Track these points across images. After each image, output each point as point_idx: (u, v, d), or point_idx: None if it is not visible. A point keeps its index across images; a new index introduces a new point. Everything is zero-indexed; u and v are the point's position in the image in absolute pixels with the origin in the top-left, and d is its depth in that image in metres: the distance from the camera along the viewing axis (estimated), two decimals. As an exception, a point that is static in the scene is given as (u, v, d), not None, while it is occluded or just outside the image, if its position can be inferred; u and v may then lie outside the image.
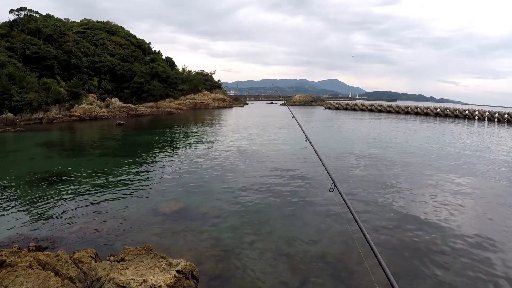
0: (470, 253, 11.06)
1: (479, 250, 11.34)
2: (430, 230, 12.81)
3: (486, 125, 68.86)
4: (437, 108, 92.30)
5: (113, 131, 41.77)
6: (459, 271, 9.91)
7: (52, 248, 10.57)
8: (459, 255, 10.85)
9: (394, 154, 28.10)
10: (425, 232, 12.68)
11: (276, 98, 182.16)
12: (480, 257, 10.83)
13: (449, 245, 11.59)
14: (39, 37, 61.33)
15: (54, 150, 28.32)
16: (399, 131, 48.57)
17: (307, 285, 9.11)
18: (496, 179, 21.52)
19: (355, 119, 69.31)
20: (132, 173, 20.36)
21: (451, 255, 10.89)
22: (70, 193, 16.27)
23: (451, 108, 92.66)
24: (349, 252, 10.81)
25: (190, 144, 31.50)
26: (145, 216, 13.67)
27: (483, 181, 21.01)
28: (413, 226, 13.13)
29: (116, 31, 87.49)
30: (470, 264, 10.31)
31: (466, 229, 13.02)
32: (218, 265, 9.85)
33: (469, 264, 10.34)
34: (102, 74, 72.45)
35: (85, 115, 54.13)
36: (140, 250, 9.29)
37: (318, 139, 34.75)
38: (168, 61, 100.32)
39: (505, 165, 25.80)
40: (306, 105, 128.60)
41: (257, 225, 12.95)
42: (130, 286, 7.42)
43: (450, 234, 12.50)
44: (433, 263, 10.30)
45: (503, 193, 18.72)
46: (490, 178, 21.68)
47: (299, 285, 9.09)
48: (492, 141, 40.58)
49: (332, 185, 5.64)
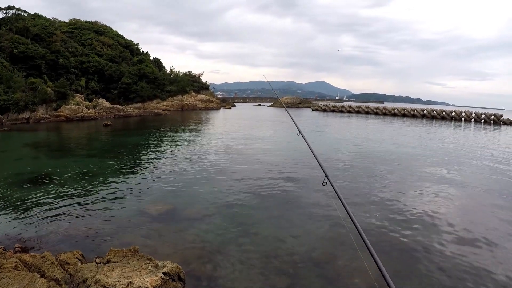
0: (458, 249, 11.35)
1: (467, 246, 11.67)
2: (418, 228, 13.09)
3: (472, 126, 69.73)
4: (424, 110, 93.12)
5: (100, 132, 41.61)
6: (447, 269, 10.15)
7: (38, 250, 10.54)
8: (447, 253, 11.10)
9: (381, 154, 28.39)
10: (412, 230, 12.95)
11: (263, 99, 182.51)
12: (467, 253, 11.12)
13: (437, 242, 11.87)
14: (27, 36, 60.94)
15: (41, 150, 28.25)
16: (385, 132, 49.07)
17: (295, 286, 9.24)
18: (482, 177, 22.16)
19: (342, 121, 69.71)
20: (119, 174, 20.35)
21: (439, 252, 11.14)
22: (56, 194, 16.24)
23: (438, 110, 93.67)
24: (337, 253, 11.05)
25: (177, 145, 31.58)
26: (132, 217, 13.68)
27: (469, 179, 21.50)
28: (400, 226, 13.33)
29: (104, 31, 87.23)
30: (458, 261, 10.56)
31: (453, 226, 13.34)
32: (205, 267, 9.91)
33: (457, 261, 10.60)
34: (90, 75, 72.18)
35: (72, 115, 53.82)
36: (126, 251, 9.26)
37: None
38: (156, 62, 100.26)
39: (490, 164, 26.35)
40: (293, 106, 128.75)
41: (245, 226, 13.05)
42: (116, 288, 7.41)
43: (437, 231, 12.82)
44: (421, 261, 10.55)
45: (489, 191, 19.16)
46: (477, 176, 22.24)
47: (287, 286, 9.21)
48: (478, 142, 41.11)
49: (325, 179, 5.58)
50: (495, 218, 14.85)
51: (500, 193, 18.67)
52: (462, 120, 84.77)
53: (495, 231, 13.35)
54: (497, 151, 33.16)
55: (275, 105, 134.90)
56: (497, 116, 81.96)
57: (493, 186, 20.12)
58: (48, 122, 49.84)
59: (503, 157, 29.96)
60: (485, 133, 53.88)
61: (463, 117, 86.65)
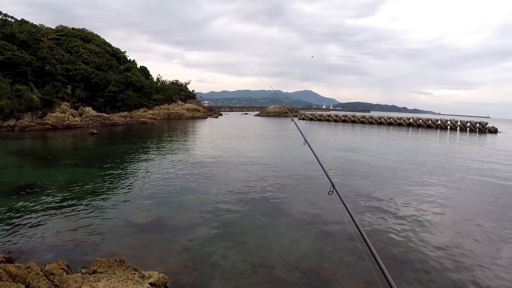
0: (442, 260, 11.46)
1: (451, 257, 11.79)
2: (401, 240, 13.16)
3: (458, 134, 70.71)
4: (410, 119, 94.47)
5: (86, 140, 41.49)
6: (432, 279, 10.28)
7: (23, 260, 10.42)
8: (433, 264, 11.13)
9: (368, 163, 28.59)
10: (397, 240, 13.08)
11: (250, 108, 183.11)
12: (450, 264, 11.27)
13: (422, 253, 11.87)
14: (14, 42, 60.51)
15: (26, 159, 28.08)
16: (372, 141, 49.30)
17: None
18: (468, 186, 22.53)
19: (328, 130, 70.06)
20: (105, 184, 20.32)
21: (423, 263, 11.19)
22: (41, 203, 16.15)
23: (423, 118, 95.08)
24: (324, 262, 11.15)
25: (164, 154, 31.60)
26: (118, 227, 13.64)
27: (455, 188, 21.90)
28: (384, 236, 13.50)
29: (91, 39, 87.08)
30: (442, 272, 10.65)
31: (438, 238, 13.39)
32: (192, 277, 9.91)
33: (440, 272, 10.68)
34: (76, 82, 71.81)
35: (58, 123, 53.60)
36: (112, 262, 9.21)
37: (292, 150, 35.31)
38: (143, 71, 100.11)
39: (476, 172, 26.74)
40: (280, 116, 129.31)
41: (232, 235, 13.10)
42: (102, 299, 7.37)
43: (420, 243, 12.91)
44: (406, 272, 10.64)
45: (475, 200, 19.51)
46: (462, 185, 22.59)
47: None
48: (463, 150, 41.83)
49: (331, 188, 5.52)
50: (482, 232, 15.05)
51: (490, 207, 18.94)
52: (448, 129, 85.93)
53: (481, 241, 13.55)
54: (482, 162, 33.56)
55: (262, 114, 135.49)
56: (482, 124, 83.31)
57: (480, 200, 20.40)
58: (34, 130, 49.53)
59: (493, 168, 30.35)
60: (470, 142, 54.61)
61: (449, 125, 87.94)
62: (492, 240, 13.78)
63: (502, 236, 14.22)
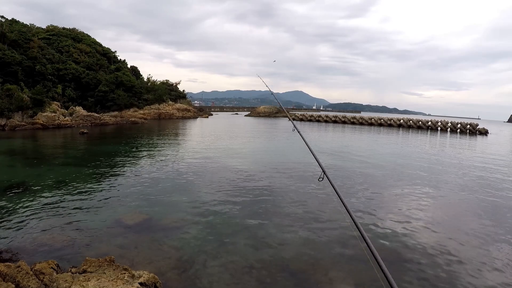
0: (432, 259, 11.61)
1: (441, 256, 11.93)
2: (391, 239, 13.37)
3: (448, 135, 71.27)
4: (401, 120, 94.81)
5: (76, 140, 41.47)
6: (420, 279, 10.44)
7: (13, 259, 10.45)
8: (422, 263, 11.30)
9: (357, 164, 28.79)
10: (386, 240, 13.23)
11: (240, 109, 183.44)
12: (440, 264, 11.43)
13: (412, 251, 12.03)
14: (4, 42, 60.41)
15: (16, 158, 28.12)
16: (362, 142, 49.83)
17: None
18: (458, 187, 22.66)
19: (319, 131, 70.31)
20: (95, 183, 20.37)
21: (413, 262, 11.35)
22: (31, 203, 16.20)
23: (414, 119, 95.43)
24: (313, 263, 11.24)
25: (154, 154, 31.68)
26: (108, 227, 13.68)
27: (445, 189, 22.12)
28: (372, 235, 13.68)
29: (82, 39, 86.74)
30: (430, 272, 10.79)
31: (426, 238, 13.55)
32: (182, 277, 9.95)
33: (429, 271, 10.83)
34: (67, 82, 71.57)
35: (49, 123, 53.53)
36: (102, 261, 9.17)
37: (280, 147, 35.52)
38: (133, 70, 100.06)
39: (466, 173, 26.86)
40: (270, 116, 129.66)
41: (222, 236, 13.15)
42: (92, 299, 7.36)
43: (410, 242, 13.07)
44: (395, 271, 10.77)
45: (466, 202, 19.66)
46: (452, 186, 22.76)
47: None
48: (454, 151, 42.23)
49: (322, 174, 5.71)
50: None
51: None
52: (438, 130, 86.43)
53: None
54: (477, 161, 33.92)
55: (252, 114, 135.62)
56: (473, 126, 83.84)
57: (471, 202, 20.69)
58: (24, 129, 49.44)
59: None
60: (461, 142, 55.02)
61: (439, 126, 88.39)
62: (486, 239, 14.06)
63: (497, 235, 14.51)
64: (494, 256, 12.50)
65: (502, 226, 15.84)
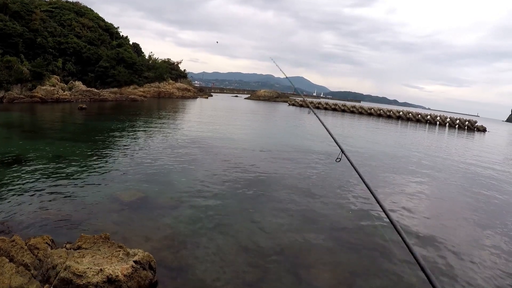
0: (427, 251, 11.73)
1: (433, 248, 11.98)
2: (388, 229, 13.17)
3: (446, 131, 71.38)
4: (400, 112, 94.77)
5: (75, 115, 41.49)
6: (415, 270, 10.32)
7: (7, 233, 10.33)
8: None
9: (353, 154, 28.40)
10: (382, 230, 13.18)
11: (241, 91, 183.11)
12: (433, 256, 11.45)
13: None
14: (6, 13, 59.71)
15: (13, 131, 28.10)
16: (361, 131, 49.91)
17: (266, 276, 9.45)
18: (451, 181, 23.01)
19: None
20: (92, 159, 20.32)
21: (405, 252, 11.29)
22: (27, 177, 16.11)
23: (413, 112, 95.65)
24: (308, 248, 11.35)
25: (153, 133, 31.63)
26: (104, 204, 13.63)
27: (439, 182, 22.34)
28: (369, 222, 13.80)
29: (84, 13, 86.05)
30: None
31: (421, 229, 13.58)
32: (176, 257, 9.97)
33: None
34: (67, 56, 71.22)
35: (47, 97, 53.28)
36: (97, 238, 9.11)
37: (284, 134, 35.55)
38: (135, 47, 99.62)
39: (461, 168, 27.07)
40: (270, 100, 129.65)
41: (218, 217, 13.16)
42: (86, 275, 7.35)
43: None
44: (390, 261, 10.78)
45: (458, 195, 19.92)
46: (446, 180, 22.96)
47: (258, 278, 9.39)
48: (450, 146, 42.46)
49: (340, 154, 5.73)
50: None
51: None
52: (437, 124, 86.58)
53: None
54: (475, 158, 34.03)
55: (252, 97, 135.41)
56: (472, 122, 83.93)
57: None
58: (23, 102, 49.21)
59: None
60: (459, 137, 55.13)
61: (438, 121, 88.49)
62: (478, 229, 14.21)
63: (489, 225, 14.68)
64: (485, 246, 12.67)
65: (493, 218, 16.01)
